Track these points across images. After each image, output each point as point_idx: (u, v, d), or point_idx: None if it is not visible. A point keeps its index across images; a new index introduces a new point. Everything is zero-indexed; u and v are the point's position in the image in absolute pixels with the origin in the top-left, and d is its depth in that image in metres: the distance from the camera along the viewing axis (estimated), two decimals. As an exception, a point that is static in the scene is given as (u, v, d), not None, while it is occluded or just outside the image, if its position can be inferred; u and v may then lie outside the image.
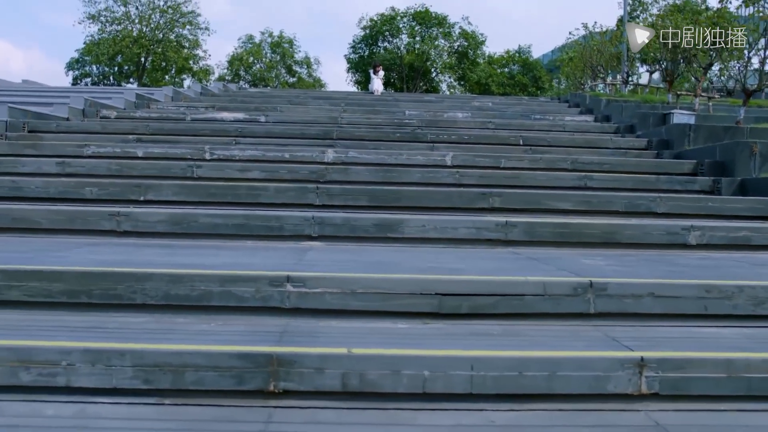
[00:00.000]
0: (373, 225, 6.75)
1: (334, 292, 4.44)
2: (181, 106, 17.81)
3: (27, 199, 7.51)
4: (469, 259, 5.83)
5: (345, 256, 5.83)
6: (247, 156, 10.31)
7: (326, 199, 7.58)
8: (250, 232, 6.68)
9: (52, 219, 6.68)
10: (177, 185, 7.63)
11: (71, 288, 4.39)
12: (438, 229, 6.78)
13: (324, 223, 6.71)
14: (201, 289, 4.41)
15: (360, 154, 10.52)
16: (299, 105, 18.92)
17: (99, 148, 10.41)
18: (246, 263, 5.11)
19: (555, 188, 9.64)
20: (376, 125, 14.80)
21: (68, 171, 9.53)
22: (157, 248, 6.00)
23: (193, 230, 6.66)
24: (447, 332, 4.29)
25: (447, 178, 9.71)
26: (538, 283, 4.60)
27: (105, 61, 46.20)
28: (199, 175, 9.51)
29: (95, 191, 7.54)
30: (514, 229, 6.82)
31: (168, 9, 46.70)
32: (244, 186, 7.65)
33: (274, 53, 49.44)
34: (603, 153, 12.43)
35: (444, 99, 23.46)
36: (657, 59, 20.58)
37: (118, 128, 13.19)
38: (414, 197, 7.66)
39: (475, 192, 7.81)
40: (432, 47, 45.61)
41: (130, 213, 6.69)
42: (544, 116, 18.01)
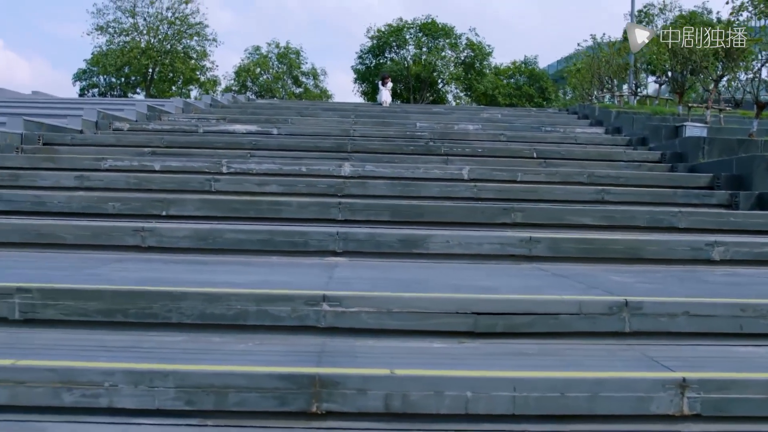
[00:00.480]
0: (397, 241, 6.75)
1: (370, 311, 4.43)
2: (192, 118, 17.84)
3: (50, 213, 7.51)
4: (498, 276, 5.83)
5: (374, 273, 5.82)
6: (263, 170, 10.31)
7: (349, 215, 7.57)
8: (274, 248, 6.67)
9: (77, 234, 6.68)
10: (199, 200, 7.63)
11: (107, 307, 4.39)
12: (462, 244, 6.78)
13: (348, 239, 6.70)
14: (237, 308, 4.40)
15: (377, 168, 10.52)
16: (309, 117, 18.93)
17: (116, 162, 10.42)
18: (278, 281, 5.11)
19: (573, 202, 9.64)
20: (389, 138, 14.81)
21: (86, 185, 9.53)
22: (185, 265, 6.00)
23: (217, 246, 6.65)
24: (484, 352, 4.28)
25: (465, 192, 9.70)
26: (573, 302, 4.59)
27: (113, 72, 46.29)
28: (217, 188, 9.52)
29: (117, 206, 7.54)
30: (538, 244, 6.82)
31: (176, 20, 46.84)
32: (266, 201, 7.65)
33: (281, 64, 49.54)
34: (618, 166, 12.42)
35: (453, 110, 23.48)
36: (666, 70, 20.62)
37: (133, 141, 13.21)
38: (437, 212, 7.66)
39: (498, 207, 7.80)
40: (439, 58, 45.68)
41: (155, 229, 6.69)
42: (554, 128, 18.01)
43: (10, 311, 4.38)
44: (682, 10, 38.69)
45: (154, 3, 46.38)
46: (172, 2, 46.53)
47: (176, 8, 46.75)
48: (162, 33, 46.79)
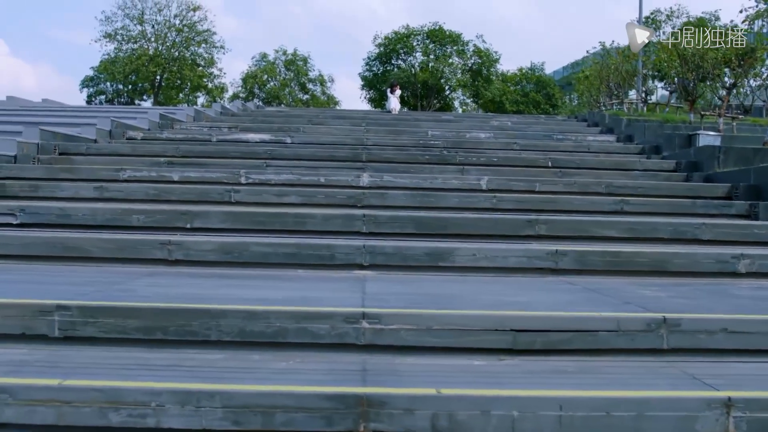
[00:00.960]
0: (424, 254, 6.74)
1: (410, 328, 4.42)
2: (204, 127, 17.89)
3: (74, 226, 7.51)
4: (529, 291, 5.81)
5: (405, 288, 5.81)
6: (282, 180, 10.33)
7: (373, 227, 7.57)
8: (301, 261, 6.67)
9: (103, 248, 6.68)
10: (223, 213, 7.62)
11: (147, 325, 4.39)
12: (489, 258, 6.77)
13: (375, 252, 6.70)
14: (276, 325, 4.40)
15: (395, 179, 10.53)
16: (320, 125, 18.97)
17: (135, 172, 10.44)
18: (312, 297, 5.10)
19: (592, 212, 9.65)
20: (402, 147, 14.83)
21: (106, 195, 9.56)
22: (215, 279, 6.00)
23: (244, 259, 6.65)
24: (525, 369, 4.26)
25: (484, 203, 9.71)
26: (611, 318, 4.59)
27: (121, 79, 46.40)
28: (236, 200, 9.55)
29: (142, 219, 7.54)
30: (564, 257, 6.81)
31: (184, 27, 46.97)
32: (290, 214, 7.65)
33: (288, 71, 49.63)
34: (634, 176, 12.43)
35: (463, 118, 23.50)
36: (676, 77, 20.63)
37: (148, 150, 13.24)
38: (461, 225, 7.65)
39: (522, 220, 7.79)
40: (446, 65, 45.70)
41: (181, 242, 6.69)
42: (566, 136, 18.03)
43: (49, 329, 4.38)
44: (689, 16, 38.72)
45: (162, 10, 46.59)
46: (180, 10, 46.74)
47: (184, 15, 46.93)
48: (170, 40, 46.92)
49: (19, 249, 6.69)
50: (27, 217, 7.53)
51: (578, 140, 17.42)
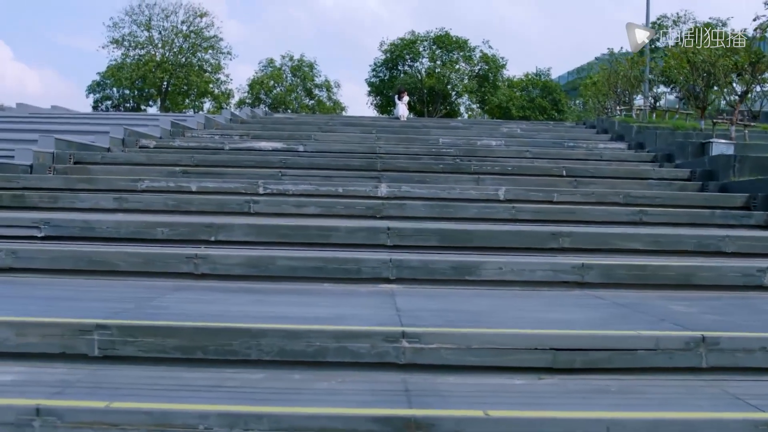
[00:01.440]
0: (450, 268, 6.73)
1: (449, 347, 4.42)
2: (215, 134, 17.90)
3: (98, 239, 7.50)
4: (560, 307, 5.81)
5: (436, 303, 5.80)
6: (300, 191, 10.34)
7: (397, 240, 7.55)
8: (327, 275, 6.66)
9: (130, 262, 6.68)
10: (248, 225, 7.62)
11: (186, 344, 4.38)
12: (515, 271, 6.76)
13: (402, 266, 6.69)
14: (316, 345, 4.39)
15: (412, 189, 10.54)
16: (331, 132, 19.00)
17: (152, 183, 10.45)
18: (349, 315, 5.10)
19: (611, 223, 9.66)
20: (415, 155, 14.83)
21: (125, 206, 9.57)
22: (244, 294, 5.99)
23: (270, 273, 6.65)
24: (566, 389, 4.25)
25: (503, 213, 9.71)
26: (650, 337, 4.58)
27: (128, 85, 46.42)
28: (255, 210, 9.55)
29: (166, 232, 7.53)
30: (590, 271, 6.79)
31: (191, 34, 47.01)
32: (314, 226, 7.64)
33: (295, 77, 49.65)
34: (649, 185, 12.42)
35: (471, 125, 23.47)
36: (685, 84, 20.60)
37: (162, 159, 13.25)
38: (485, 237, 7.64)
39: (546, 232, 7.77)
40: (453, 71, 45.70)
41: (208, 256, 6.69)
42: (577, 143, 18.05)
43: (89, 348, 4.38)
44: (696, 22, 38.74)
45: (169, 17, 46.64)
46: (187, 16, 46.78)
47: (191, 22, 46.96)
48: (177, 46, 46.97)
49: (46, 263, 6.69)
50: (51, 229, 7.53)
51: (590, 148, 17.42)
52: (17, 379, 4.13)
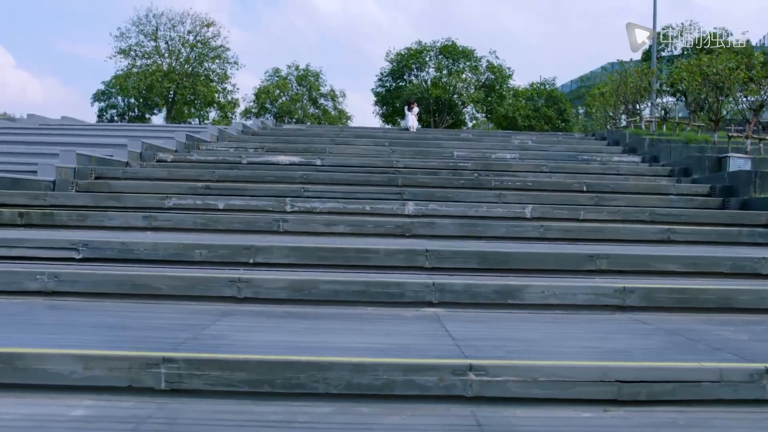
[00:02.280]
0: (493, 291, 6.73)
1: (516, 380, 4.42)
2: (230, 147, 17.94)
3: (137, 261, 7.50)
4: (611, 334, 5.81)
5: (488, 331, 5.81)
6: (328, 208, 10.38)
7: (435, 262, 7.56)
8: (370, 299, 6.66)
9: (173, 286, 6.68)
10: (287, 248, 7.61)
11: (254, 378, 4.38)
12: (557, 295, 6.76)
13: (445, 290, 6.69)
14: (384, 378, 4.39)
15: (440, 207, 10.58)
16: (344, 145, 19.06)
17: (179, 200, 10.47)
18: (411, 345, 5.10)
19: (639, 242, 9.69)
20: (433, 169, 14.89)
21: (154, 225, 9.59)
22: (293, 321, 5.99)
23: (313, 297, 6.64)
24: (635, 423, 4.26)
25: (532, 232, 9.74)
26: (714, 369, 4.58)
27: (136, 95, 46.49)
28: (285, 229, 9.56)
29: (204, 253, 7.53)
30: (631, 295, 6.80)
31: (197, 43, 47.11)
32: (353, 249, 7.63)
33: (300, 86, 49.73)
34: (670, 201, 12.48)
35: (482, 136, 23.52)
36: (698, 95, 20.67)
37: (184, 174, 13.27)
38: (523, 260, 7.64)
39: (583, 254, 7.77)
40: (459, 81, 45.74)
41: (251, 280, 6.69)
42: (591, 156, 18.09)
43: (156, 381, 4.37)
44: (701, 31, 38.89)
45: (175, 27, 46.71)
46: (193, 26, 46.87)
47: (197, 32, 47.06)
48: (183, 56, 47.05)
49: (88, 286, 6.69)
50: (89, 251, 7.52)
51: (604, 161, 17.47)
52: (88, 414, 4.13)
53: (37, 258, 7.50)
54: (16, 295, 6.65)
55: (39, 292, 6.67)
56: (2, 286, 6.69)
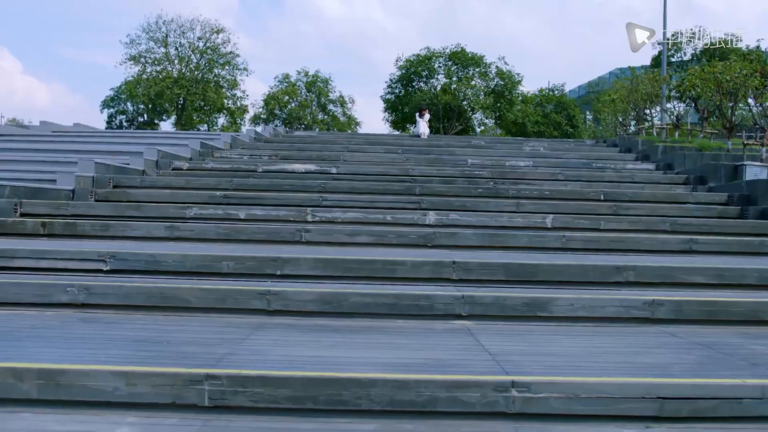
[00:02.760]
0: (523, 304, 6.73)
1: (558, 396, 4.42)
2: (243, 155, 17.98)
3: (164, 272, 7.51)
4: (645, 348, 5.81)
5: (522, 344, 5.81)
6: (349, 218, 10.41)
7: (462, 274, 7.56)
8: (400, 312, 6.66)
9: (203, 298, 6.69)
10: (314, 260, 7.61)
11: (297, 394, 4.39)
12: (586, 308, 6.76)
13: (474, 302, 6.70)
14: (427, 395, 4.40)
15: (460, 217, 10.59)
16: (357, 152, 19.11)
17: (201, 210, 10.50)
18: (448, 360, 5.10)
19: (661, 252, 9.68)
20: (449, 177, 14.90)
21: (177, 235, 9.61)
22: (325, 334, 5.99)
23: (343, 309, 6.65)
24: (679, 440, 4.26)
25: (554, 243, 9.74)
26: (756, 386, 4.57)
27: (146, 102, 46.63)
28: (307, 239, 9.58)
29: (232, 265, 7.54)
30: (660, 307, 6.79)
31: (207, 50, 47.24)
32: (380, 261, 7.63)
33: (309, 92, 49.80)
34: (688, 210, 12.47)
35: (493, 143, 23.53)
36: (710, 103, 20.66)
37: (201, 183, 13.30)
38: (550, 272, 7.64)
39: (610, 266, 7.77)
40: (468, 87, 45.76)
41: (281, 292, 6.70)
42: (605, 164, 18.09)
43: (200, 398, 4.39)
44: (711, 38, 38.81)
45: (185, 33, 46.86)
46: (203, 32, 47.01)
47: (207, 38, 47.20)
48: (193, 62, 47.19)
49: (117, 299, 6.71)
50: (117, 263, 7.54)
51: (618, 169, 17.46)
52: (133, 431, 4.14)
53: (65, 269, 7.52)
54: (47, 307, 6.67)
55: (69, 305, 6.69)
56: (33, 299, 6.71)
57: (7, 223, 9.74)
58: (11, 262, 7.57)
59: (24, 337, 5.64)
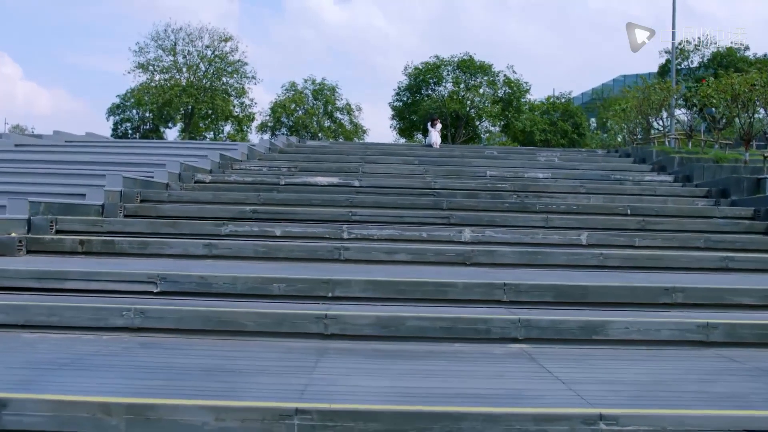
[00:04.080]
0: (578, 328, 6.75)
1: (647, 430, 4.43)
2: (262, 167, 17.99)
3: (216, 294, 7.51)
4: (711, 375, 5.84)
5: (590, 371, 5.85)
6: (385, 235, 10.43)
7: (513, 296, 7.57)
8: (456, 335, 6.68)
9: (259, 322, 6.70)
10: (365, 281, 7.62)
11: (387, 428, 4.39)
12: (641, 331, 6.78)
13: (530, 325, 6.71)
14: (516, 428, 4.41)
15: (496, 234, 10.62)
16: (373, 163, 19.14)
17: (236, 227, 10.51)
18: (524, 390, 5.12)
19: (697, 270, 9.71)
20: (473, 191, 14.97)
21: (215, 253, 9.62)
22: (389, 361, 6.01)
23: (401, 333, 6.66)
24: (769, 474, 4.27)
25: (591, 260, 9.77)
26: (839, 417, 4.60)
27: (154, 110, 46.61)
28: (346, 257, 9.59)
29: (283, 287, 7.54)
30: (714, 330, 6.81)
31: (215, 58, 47.26)
32: (431, 282, 7.65)
33: (316, 100, 49.81)
34: (717, 225, 12.51)
35: (507, 154, 23.53)
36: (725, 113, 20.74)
37: (229, 198, 13.33)
38: (600, 293, 7.66)
39: (659, 288, 7.79)
40: (476, 95, 45.79)
41: (338, 316, 6.70)
42: (623, 176, 18.13)
43: (289, 432, 4.39)
44: (719, 46, 39.02)
45: (194, 41, 46.89)
46: (211, 40, 47.05)
47: (216, 46, 47.23)
48: (201, 71, 47.21)
49: (174, 322, 6.71)
50: (167, 285, 7.54)
51: (637, 181, 17.51)
52: (227, 466, 4.14)
53: (116, 291, 7.52)
54: (103, 331, 6.67)
55: (125, 328, 6.69)
56: (89, 322, 6.71)
57: (45, 240, 9.74)
58: (63, 283, 7.57)
59: (92, 366, 5.65)
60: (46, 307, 6.80)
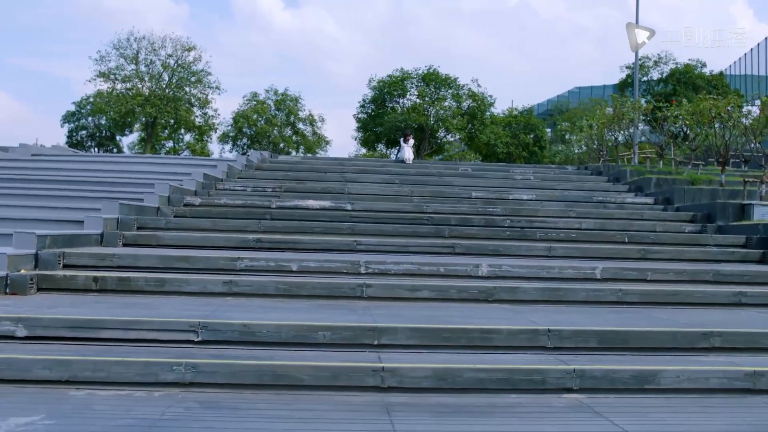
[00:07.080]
0: (630, 377, 6.81)
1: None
2: (246, 187, 17.86)
3: (259, 343, 7.35)
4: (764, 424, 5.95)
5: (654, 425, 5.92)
6: (403, 270, 10.38)
7: (557, 342, 7.59)
8: (512, 386, 6.67)
9: (315, 376, 6.58)
10: (410, 329, 7.56)
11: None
12: (691, 379, 6.87)
13: (585, 375, 6.74)
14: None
15: (512, 268, 10.62)
16: (355, 182, 19.26)
17: (252, 262, 10.33)
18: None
19: (712, 305, 9.91)
20: (464, 215, 15.25)
21: (235, 290, 9.44)
22: (459, 417, 5.94)
23: (457, 386, 6.62)
24: None
25: (610, 296, 9.87)
26: None
27: (117, 120, 45.58)
28: (369, 294, 9.52)
29: (328, 335, 7.42)
30: (761, 378, 6.93)
31: (178, 68, 46.50)
32: (477, 329, 7.62)
33: (279, 110, 49.40)
34: (713, 254, 12.84)
35: (483, 171, 23.74)
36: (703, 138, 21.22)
37: (227, 225, 13.21)
38: (641, 339, 7.72)
39: (697, 332, 7.89)
40: (441, 108, 46.04)
41: (395, 369, 6.63)
42: (604, 197, 18.52)
43: None
44: (677, 63, 39.92)
45: (156, 50, 46.06)
46: (174, 49, 46.28)
47: (179, 56, 46.48)
48: (165, 80, 46.40)
49: (226, 377, 6.54)
50: (208, 334, 7.35)
51: (619, 203, 17.90)
52: None
53: (156, 340, 7.31)
54: (153, 387, 6.46)
55: (176, 384, 6.50)
56: (138, 378, 6.50)
57: (56, 277, 9.40)
58: (98, 333, 7.32)
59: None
60: (91, 362, 6.56)
